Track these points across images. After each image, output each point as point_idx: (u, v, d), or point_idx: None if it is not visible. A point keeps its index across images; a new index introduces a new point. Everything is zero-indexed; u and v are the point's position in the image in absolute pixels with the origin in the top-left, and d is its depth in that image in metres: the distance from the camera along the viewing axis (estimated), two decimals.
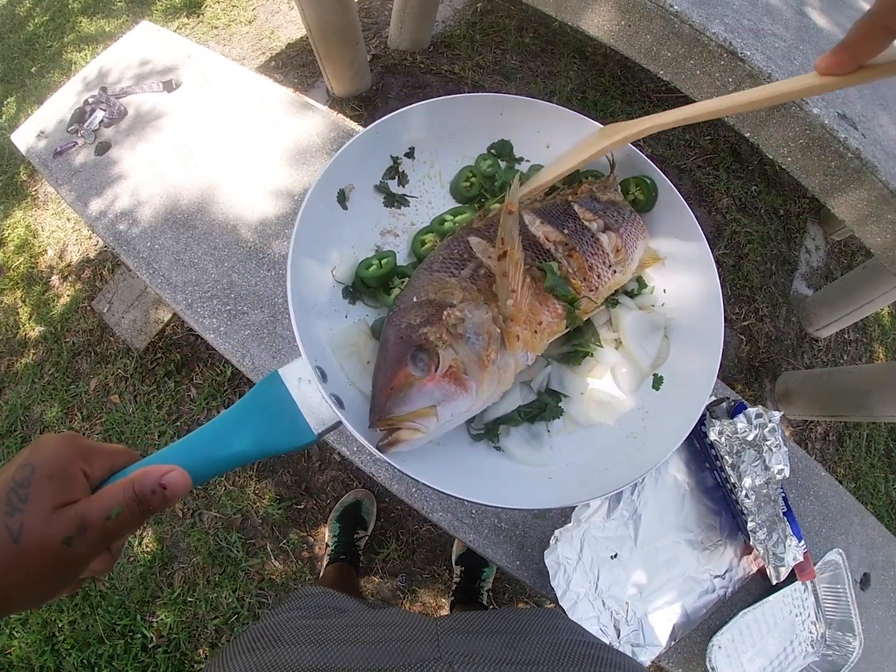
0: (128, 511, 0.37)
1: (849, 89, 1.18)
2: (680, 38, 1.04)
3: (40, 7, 3.25)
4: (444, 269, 0.54)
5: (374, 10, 2.86)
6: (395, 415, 0.47)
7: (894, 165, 1.07)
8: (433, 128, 0.68)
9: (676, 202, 0.65)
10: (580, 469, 0.55)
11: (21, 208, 2.42)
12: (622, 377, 0.61)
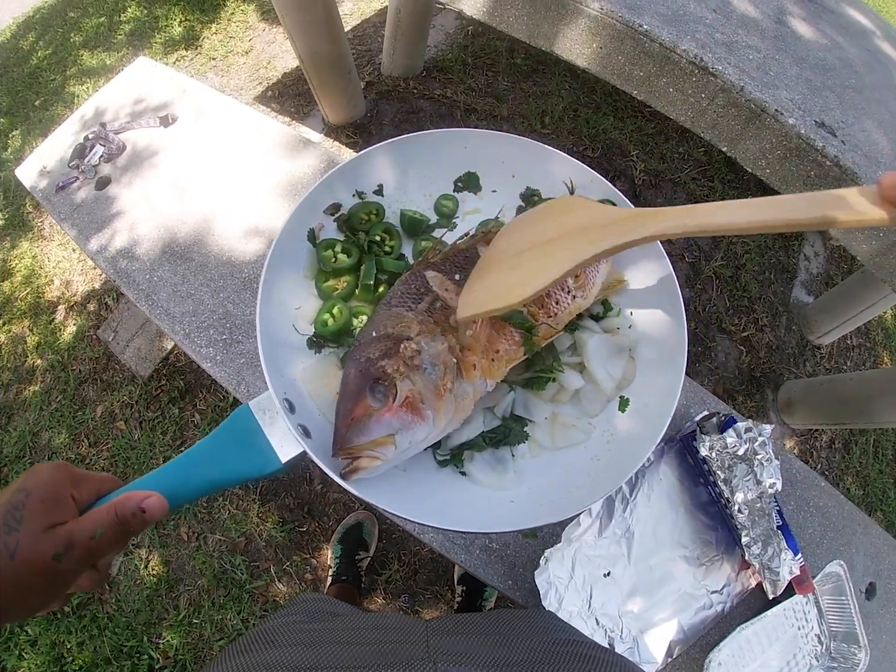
0: (111, 531, 0.41)
1: (829, 94, 1.19)
2: (651, 56, 1.05)
3: (43, 41, 3.35)
4: (402, 304, 0.57)
5: (368, 38, 2.93)
6: (355, 444, 0.50)
7: (875, 170, 1.07)
8: (399, 165, 0.71)
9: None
10: (543, 492, 0.57)
11: (27, 239, 2.49)
12: (587, 401, 0.63)
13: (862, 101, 1.25)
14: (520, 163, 0.72)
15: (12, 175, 2.54)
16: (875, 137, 1.15)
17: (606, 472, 0.56)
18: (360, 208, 0.70)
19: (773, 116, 1.04)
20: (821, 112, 1.10)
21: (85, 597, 1.72)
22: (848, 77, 1.29)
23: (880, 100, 1.30)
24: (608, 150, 2.58)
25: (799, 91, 1.12)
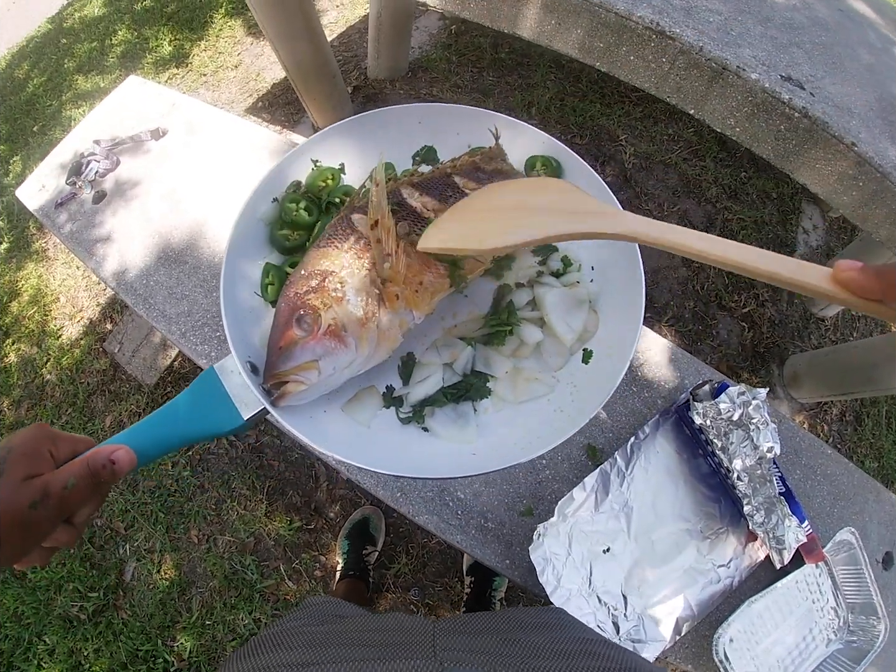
0: (82, 482, 0.44)
1: (796, 50, 1.18)
2: (608, 26, 1.06)
3: (38, 68, 3.44)
4: (329, 244, 0.60)
5: (353, 44, 2.97)
6: (281, 370, 0.53)
7: (849, 119, 1.05)
8: (357, 144, 0.73)
9: (592, 178, 0.69)
10: (505, 444, 0.58)
11: (33, 260, 2.55)
12: (548, 354, 0.64)
13: (833, 56, 1.23)
14: (473, 132, 0.74)
15: (14, 199, 2.63)
16: (847, 89, 1.14)
17: (568, 421, 0.57)
18: (316, 176, 0.73)
19: (736, 73, 1.03)
20: (787, 67, 1.10)
21: (100, 603, 1.75)
22: (818, 35, 1.28)
23: (853, 55, 1.29)
24: (596, 137, 2.58)
25: (763, 49, 1.12)
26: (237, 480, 1.89)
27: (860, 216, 1.11)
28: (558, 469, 1.13)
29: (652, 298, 2.22)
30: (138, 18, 3.44)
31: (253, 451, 1.95)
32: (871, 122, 1.10)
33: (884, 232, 1.10)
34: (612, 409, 1.19)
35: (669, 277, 2.26)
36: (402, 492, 1.09)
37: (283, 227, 0.69)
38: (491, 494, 1.10)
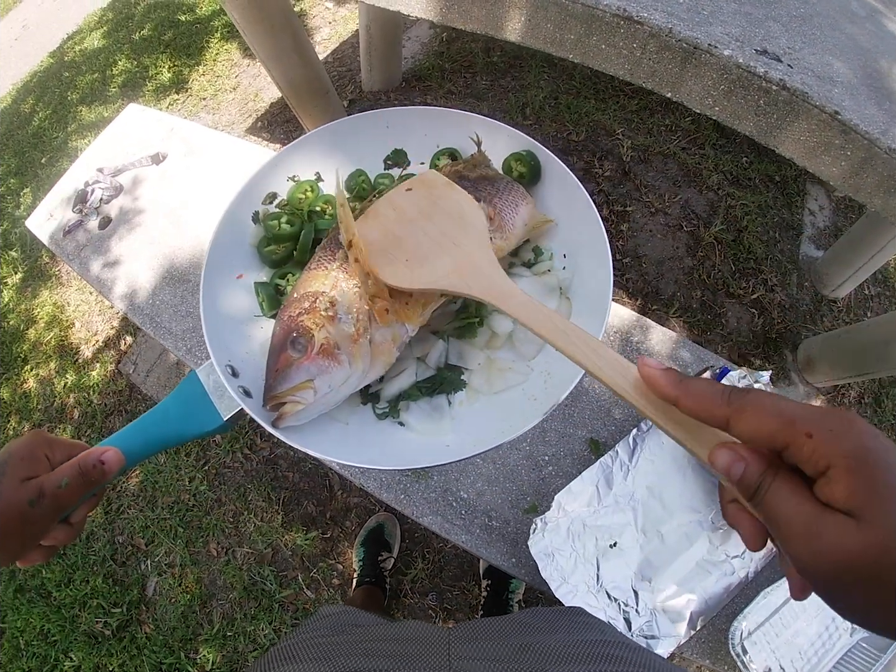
0: (74, 481, 0.48)
1: (772, 24, 1.16)
2: (576, 18, 1.05)
3: (42, 102, 3.56)
4: (319, 266, 0.62)
5: (347, 59, 3.01)
6: (278, 391, 0.55)
7: (830, 88, 1.03)
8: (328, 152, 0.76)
9: (561, 171, 0.69)
10: (478, 434, 0.59)
11: (47, 288, 2.63)
12: (521, 343, 0.65)
13: (812, 27, 1.21)
14: (441, 132, 0.76)
15: (26, 230, 2.71)
16: (828, 59, 1.11)
17: (539, 407, 0.57)
18: (295, 189, 0.75)
19: (708, 52, 1.01)
20: (762, 41, 1.08)
21: (123, 619, 1.79)
22: (796, 7, 1.26)
23: (834, 25, 1.26)
24: (593, 132, 2.57)
25: (737, 25, 1.10)
26: (253, 493, 1.91)
27: (852, 186, 1.08)
28: (561, 465, 1.13)
29: (658, 290, 2.21)
30: (137, 48, 3.54)
31: (267, 463, 1.97)
32: (855, 89, 1.07)
33: (878, 201, 1.07)
34: (614, 402, 1.18)
35: (675, 268, 2.24)
36: (405, 493, 1.10)
37: (269, 243, 0.72)
38: (494, 493, 1.11)
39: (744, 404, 0.30)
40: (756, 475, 0.30)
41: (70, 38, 4.03)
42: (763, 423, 0.29)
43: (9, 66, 4.23)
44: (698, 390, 0.32)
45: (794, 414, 0.29)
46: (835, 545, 0.27)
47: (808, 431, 0.28)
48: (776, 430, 0.29)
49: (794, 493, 0.29)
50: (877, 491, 0.26)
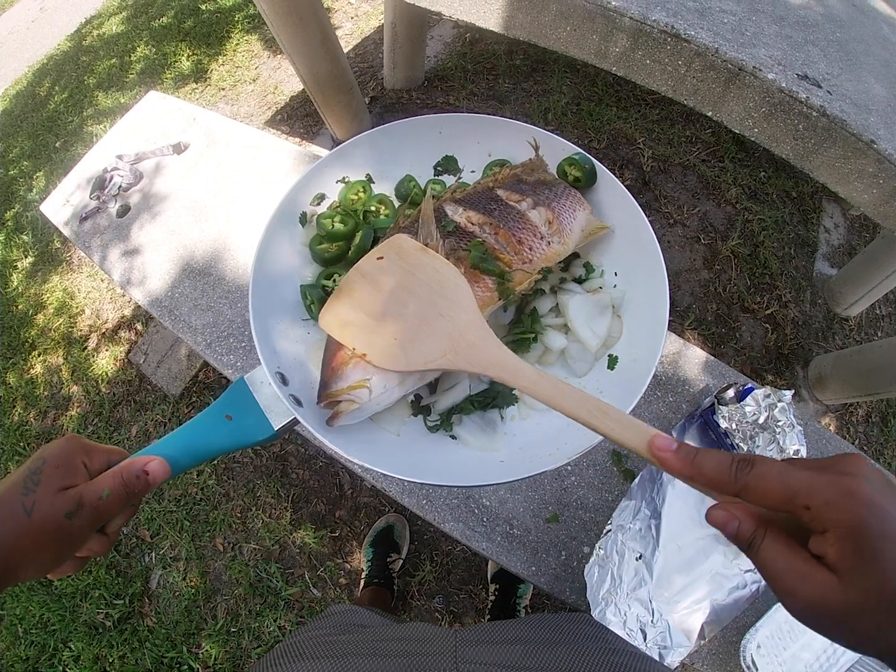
0: (116, 493, 0.45)
1: (811, 48, 1.16)
2: (623, 31, 1.05)
3: (59, 85, 3.53)
4: None
5: (369, 55, 3.00)
6: (333, 390, 0.54)
7: (866, 117, 1.03)
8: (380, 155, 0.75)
9: (613, 183, 0.69)
10: (532, 451, 0.58)
11: (57, 273, 2.61)
12: (573, 360, 0.64)
13: (848, 52, 1.22)
14: (493, 140, 0.75)
15: (39, 213, 2.69)
16: (864, 86, 1.12)
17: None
18: (347, 190, 0.74)
19: (752, 74, 1.02)
20: (803, 66, 1.08)
21: (125, 610, 1.78)
22: (833, 31, 1.26)
23: (868, 51, 1.27)
24: (614, 140, 2.57)
25: (779, 48, 1.10)
26: (262, 489, 1.91)
27: (881, 214, 1.09)
28: (584, 475, 1.13)
29: (674, 301, 2.20)
30: (156, 35, 3.52)
31: (278, 459, 1.96)
32: (889, 118, 1.08)
33: None
34: (638, 414, 1.18)
35: (691, 280, 2.24)
36: (427, 499, 1.09)
37: (322, 241, 0.71)
38: (516, 501, 1.10)
39: (749, 480, 0.34)
40: (748, 532, 0.34)
41: (88, 23, 4.01)
42: (766, 497, 0.33)
43: (25, 48, 4.21)
44: (709, 468, 0.35)
45: (794, 487, 0.32)
46: (818, 598, 0.31)
47: (806, 504, 0.31)
48: (779, 502, 0.33)
49: (784, 548, 0.33)
50: (863, 556, 0.30)
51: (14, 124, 3.46)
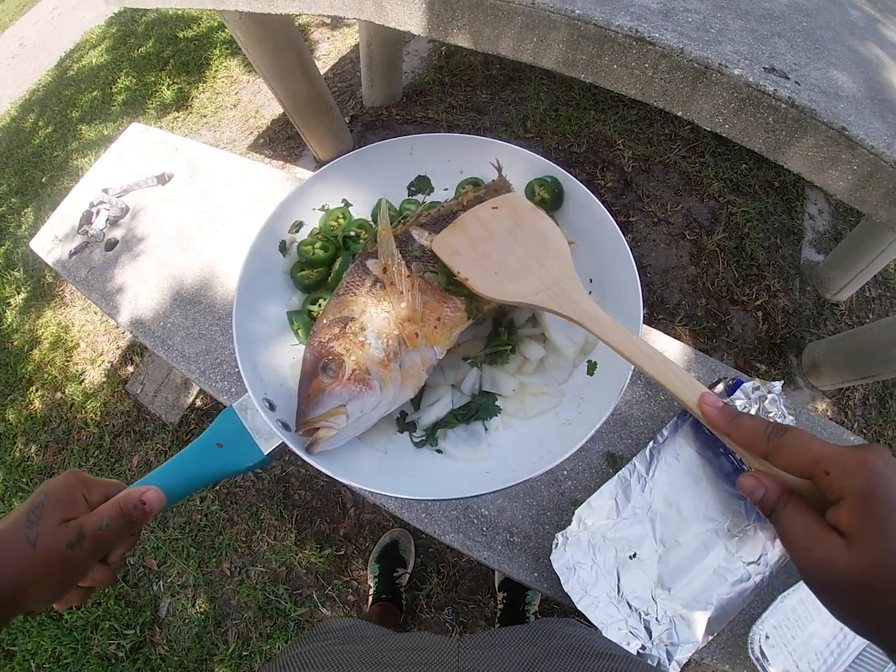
0: (115, 522, 0.47)
1: (778, 40, 1.18)
2: (588, 38, 1.07)
3: (43, 120, 3.55)
4: (347, 291, 0.62)
5: (347, 74, 3.04)
6: (311, 417, 0.55)
7: (836, 104, 1.04)
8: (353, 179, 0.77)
9: (584, 195, 0.70)
10: (516, 459, 0.60)
11: (51, 308, 2.63)
12: (552, 368, 0.66)
13: (815, 41, 1.23)
14: (464, 158, 0.77)
15: (29, 249, 2.70)
16: (832, 74, 1.13)
17: (575, 433, 0.58)
18: (327, 217, 0.76)
19: (719, 71, 1.03)
20: (769, 58, 1.09)
21: (137, 640, 1.78)
22: (799, 21, 1.27)
23: (836, 37, 1.28)
24: (594, 143, 2.60)
25: (745, 42, 1.11)
26: (265, 512, 1.91)
27: (858, 199, 1.10)
28: (580, 479, 1.14)
29: (663, 299, 2.22)
30: (137, 65, 3.56)
31: (279, 481, 1.97)
32: (860, 103, 1.09)
33: (883, 212, 1.09)
34: (630, 415, 1.19)
35: (679, 277, 2.26)
36: (426, 512, 1.10)
37: (303, 268, 0.73)
38: (515, 509, 1.11)
39: (779, 444, 0.37)
40: (773, 498, 0.37)
41: (69, 56, 4.04)
42: (793, 460, 0.36)
43: (6, 84, 4.24)
44: (746, 429, 0.39)
45: (818, 454, 0.35)
46: (828, 560, 0.33)
47: (827, 470, 0.34)
48: (803, 466, 0.35)
49: (802, 514, 0.35)
50: (871, 523, 0.32)
51: (0, 161, 3.48)
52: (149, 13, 3.91)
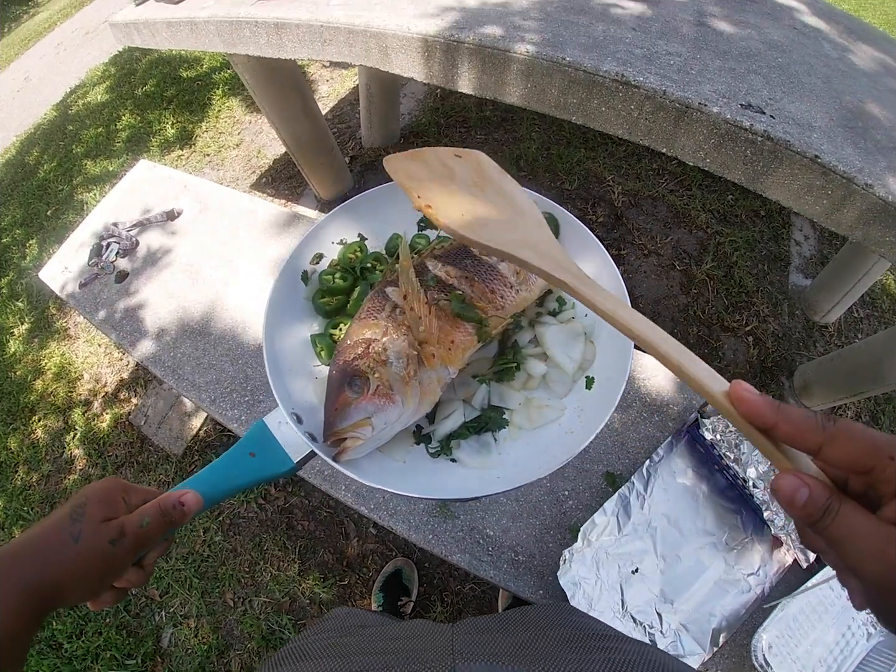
0: (155, 521, 0.51)
1: (754, 77, 1.26)
2: (579, 84, 1.15)
3: (47, 154, 3.64)
4: (369, 315, 0.68)
5: (346, 116, 3.16)
6: (339, 428, 0.61)
7: (809, 134, 1.11)
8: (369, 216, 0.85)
9: (579, 228, 0.77)
10: (524, 465, 0.65)
11: (55, 339, 2.65)
12: (554, 383, 0.72)
13: (790, 75, 1.31)
14: None
15: (34, 281, 2.73)
16: (806, 105, 1.21)
17: (577, 439, 0.64)
18: (345, 250, 0.83)
19: (699, 110, 1.10)
20: (746, 95, 1.17)
21: (138, 670, 1.75)
22: (774, 57, 1.36)
23: (810, 70, 1.36)
24: (585, 180, 2.70)
25: (723, 81, 1.19)
26: (269, 542, 1.91)
27: (834, 221, 1.16)
28: (581, 498, 1.17)
29: None
30: (140, 103, 3.67)
31: (282, 512, 1.98)
32: (832, 132, 1.16)
33: (858, 233, 1.15)
34: (627, 436, 1.23)
35: (670, 306, 2.33)
36: (433, 534, 1.13)
37: (323, 295, 0.79)
38: (519, 529, 1.14)
39: (836, 432, 0.32)
40: (821, 501, 0.32)
41: (73, 92, 4.15)
42: (853, 448, 0.31)
43: (11, 117, 4.34)
44: (795, 418, 0.33)
45: (880, 440, 0.31)
46: None
47: (892, 455, 0.30)
48: (864, 454, 0.31)
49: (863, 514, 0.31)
50: None
51: (5, 193, 3.54)
52: (152, 52, 4.05)
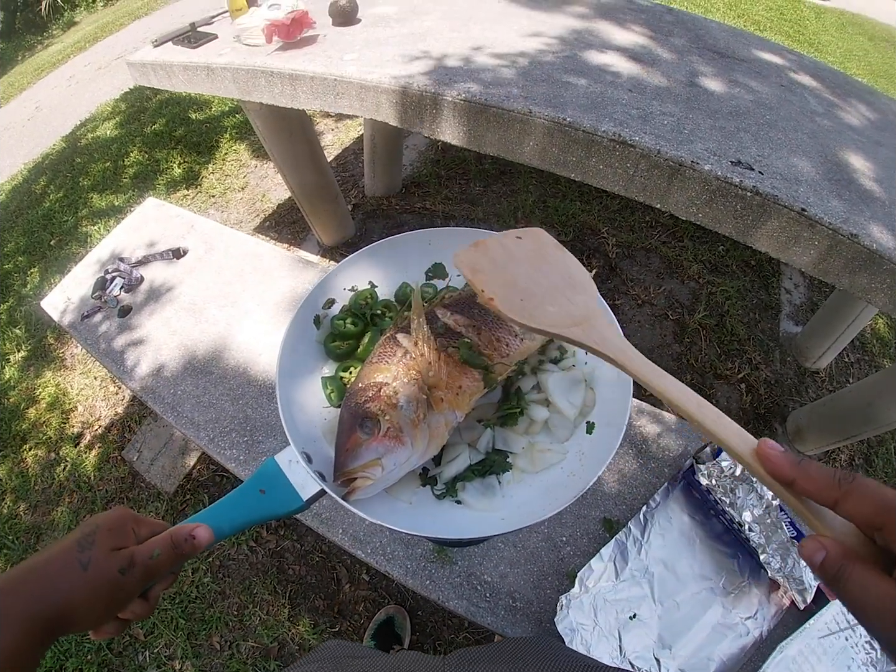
0: (166, 553, 0.50)
1: (744, 134, 1.33)
2: (578, 143, 1.23)
3: (54, 184, 3.68)
4: (380, 360, 0.71)
5: (350, 165, 3.27)
6: (349, 468, 0.62)
7: (796, 188, 1.18)
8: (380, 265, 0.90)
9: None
10: (528, 507, 0.67)
11: (51, 369, 2.64)
12: (556, 428, 0.74)
13: (778, 131, 1.38)
14: None
15: (34, 309, 2.72)
16: (793, 160, 1.28)
17: (580, 482, 0.66)
18: (356, 297, 0.87)
19: (691, 167, 1.17)
20: (736, 152, 1.24)
21: None
22: (762, 115, 1.44)
23: (797, 126, 1.44)
24: (580, 232, 2.79)
25: (714, 140, 1.26)
26: (259, 586, 1.87)
27: (821, 270, 1.22)
28: (578, 544, 1.17)
29: None
30: (149, 141, 3.76)
31: (273, 555, 1.94)
32: (818, 185, 1.23)
33: (845, 280, 1.20)
34: (624, 482, 1.24)
35: (664, 355, 2.37)
36: (430, 579, 1.12)
37: (335, 339, 0.83)
38: (517, 575, 1.13)
39: (851, 489, 0.33)
40: (836, 562, 0.33)
41: (83, 125, 4.22)
42: (864, 505, 0.33)
43: (21, 145, 4.41)
44: (814, 474, 0.35)
45: (890, 498, 0.32)
46: None
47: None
48: (873, 512, 0.32)
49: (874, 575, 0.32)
50: None
51: (10, 219, 3.57)
52: (162, 92, 4.16)
